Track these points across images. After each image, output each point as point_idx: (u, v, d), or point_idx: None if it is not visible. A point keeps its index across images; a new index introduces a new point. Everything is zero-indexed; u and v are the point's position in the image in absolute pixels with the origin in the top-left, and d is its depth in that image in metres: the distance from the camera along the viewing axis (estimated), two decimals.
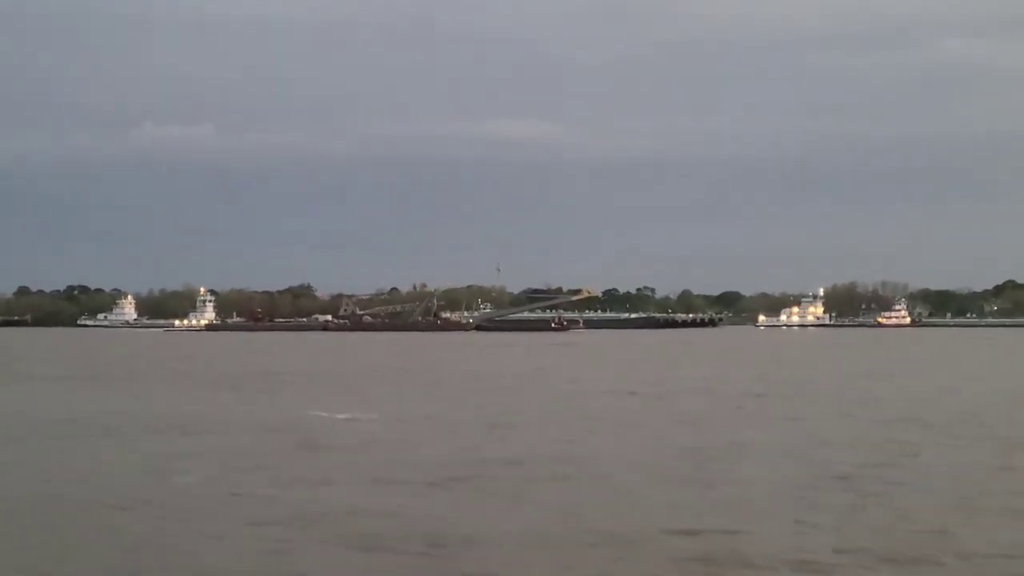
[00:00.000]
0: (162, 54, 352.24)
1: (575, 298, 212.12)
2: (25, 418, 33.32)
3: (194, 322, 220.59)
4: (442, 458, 23.76)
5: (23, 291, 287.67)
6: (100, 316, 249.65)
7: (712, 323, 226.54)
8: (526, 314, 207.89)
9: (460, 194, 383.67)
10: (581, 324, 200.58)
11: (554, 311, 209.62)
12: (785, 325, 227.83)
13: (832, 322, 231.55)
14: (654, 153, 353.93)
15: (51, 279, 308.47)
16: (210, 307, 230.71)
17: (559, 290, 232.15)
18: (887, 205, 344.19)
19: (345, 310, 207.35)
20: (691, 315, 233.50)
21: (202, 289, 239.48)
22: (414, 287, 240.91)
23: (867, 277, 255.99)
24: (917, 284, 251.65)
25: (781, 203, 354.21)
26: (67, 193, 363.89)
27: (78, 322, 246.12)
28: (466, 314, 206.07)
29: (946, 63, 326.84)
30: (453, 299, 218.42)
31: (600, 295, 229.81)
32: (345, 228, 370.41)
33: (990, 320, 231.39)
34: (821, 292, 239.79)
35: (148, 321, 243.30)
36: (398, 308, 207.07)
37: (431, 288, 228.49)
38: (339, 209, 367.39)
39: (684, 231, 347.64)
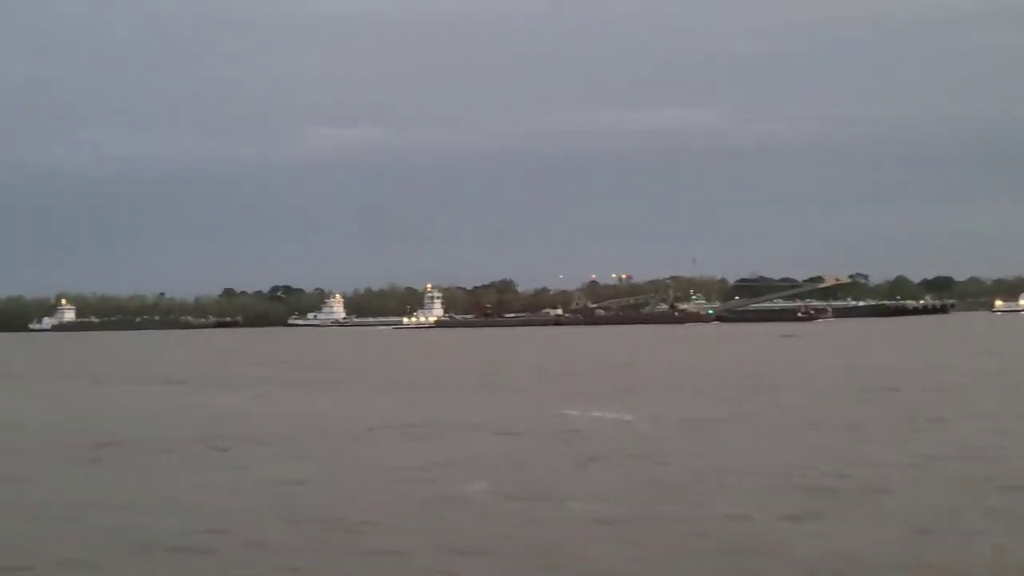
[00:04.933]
0: (320, 56, 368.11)
1: (822, 285, 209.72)
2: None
3: (422, 319, 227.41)
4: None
5: (229, 292, 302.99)
6: (310, 315, 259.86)
7: (943, 310, 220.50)
8: (773, 303, 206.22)
9: (625, 185, 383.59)
10: (830, 312, 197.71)
11: (783, 301, 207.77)
12: None
13: None
14: (816, 138, 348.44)
15: (254, 280, 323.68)
16: (438, 304, 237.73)
17: (761, 278, 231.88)
18: None
19: (577, 303, 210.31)
20: (921, 302, 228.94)
21: (428, 286, 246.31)
22: (619, 279, 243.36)
23: None
24: None
25: (966, 186, 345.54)
26: (254, 196, 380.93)
27: (288, 322, 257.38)
28: (705, 304, 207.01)
29: None
30: (657, 290, 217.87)
31: (848, 281, 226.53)
32: (507, 224, 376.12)
33: None
34: None
35: (358, 319, 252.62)
36: (631, 300, 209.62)
37: (636, 280, 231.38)
38: (495, 205, 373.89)
39: (885, 215, 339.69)
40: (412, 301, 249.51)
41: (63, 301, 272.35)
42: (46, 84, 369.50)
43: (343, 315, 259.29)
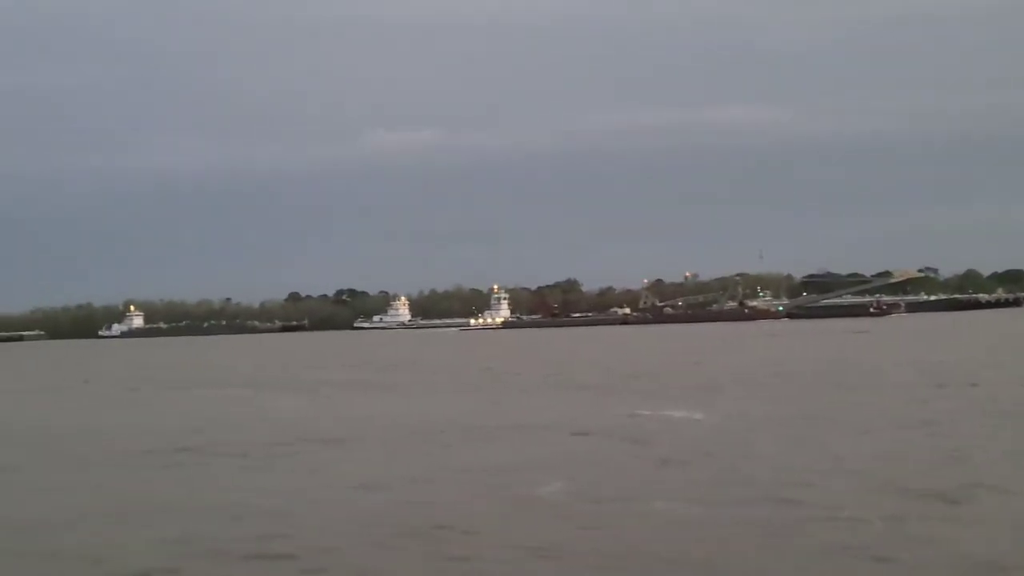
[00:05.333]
0: (377, 61, 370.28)
1: (892, 280, 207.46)
2: None
3: (489, 320, 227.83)
4: None
5: (294, 296, 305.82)
6: (375, 318, 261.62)
7: (1017, 303, 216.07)
8: (843, 299, 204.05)
9: (684, 183, 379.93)
10: (903, 307, 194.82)
11: (852, 297, 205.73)
12: None
13: None
14: (877, 133, 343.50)
15: (318, 284, 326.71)
16: (505, 304, 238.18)
17: (828, 274, 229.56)
18: None
19: (644, 302, 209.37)
20: (994, 296, 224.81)
21: (495, 287, 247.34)
22: (685, 277, 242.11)
23: None
24: None
25: None
26: (309, 200, 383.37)
27: (354, 325, 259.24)
28: (774, 301, 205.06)
29: None
30: (725, 288, 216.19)
31: (919, 275, 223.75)
32: (568, 224, 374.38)
33: None
34: None
35: (424, 321, 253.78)
36: (700, 298, 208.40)
37: (704, 278, 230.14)
38: (555, 206, 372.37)
39: (953, 208, 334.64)
40: (477, 302, 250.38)
41: (131, 308, 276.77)
42: (107, 91, 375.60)
43: (409, 317, 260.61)
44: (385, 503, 18.83)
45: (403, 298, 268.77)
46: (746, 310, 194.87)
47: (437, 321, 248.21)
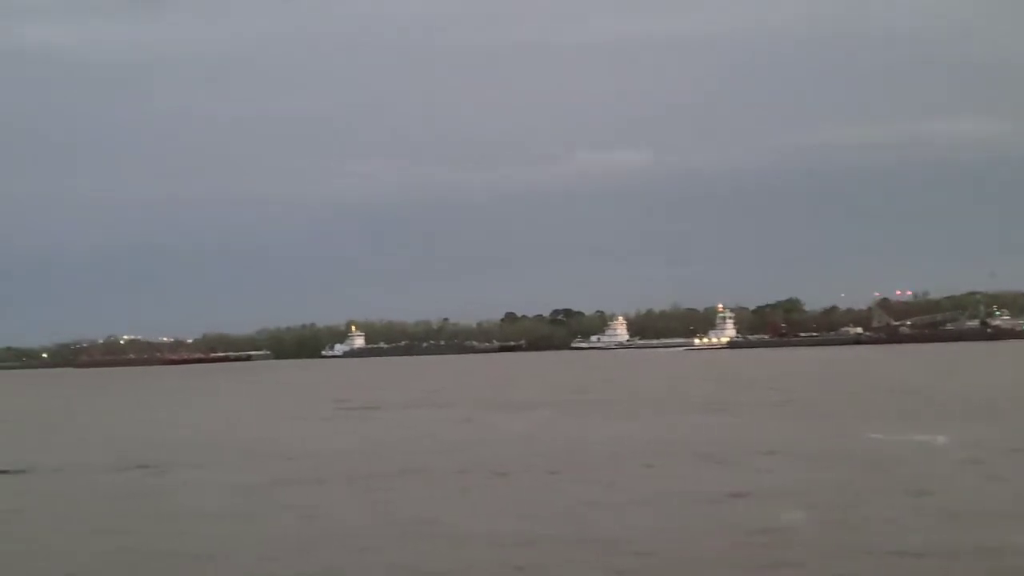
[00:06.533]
0: (586, 81, 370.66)
1: None
2: None
3: (714, 340, 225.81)
4: None
5: (510, 316, 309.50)
6: (593, 338, 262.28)
7: None
8: None
9: (900, 199, 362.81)
10: None
11: None
12: None
13: None
14: None
15: (533, 304, 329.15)
16: (730, 324, 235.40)
17: None
18: None
19: (878, 321, 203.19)
20: None
21: (720, 306, 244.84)
22: (914, 295, 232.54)
23: None
24: None
25: None
26: (522, 221, 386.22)
27: (572, 345, 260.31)
28: (1019, 320, 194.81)
29: None
30: (961, 306, 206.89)
31: None
32: (782, 242, 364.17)
33: None
34: None
35: (642, 341, 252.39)
36: (937, 317, 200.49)
37: (934, 296, 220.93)
38: (771, 224, 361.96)
39: None
40: (694, 321, 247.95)
41: (353, 328, 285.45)
42: (317, 120, 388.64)
43: (627, 337, 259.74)
44: (619, 527, 18.48)
45: (620, 317, 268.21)
46: (989, 329, 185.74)
47: (655, 341, 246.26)
